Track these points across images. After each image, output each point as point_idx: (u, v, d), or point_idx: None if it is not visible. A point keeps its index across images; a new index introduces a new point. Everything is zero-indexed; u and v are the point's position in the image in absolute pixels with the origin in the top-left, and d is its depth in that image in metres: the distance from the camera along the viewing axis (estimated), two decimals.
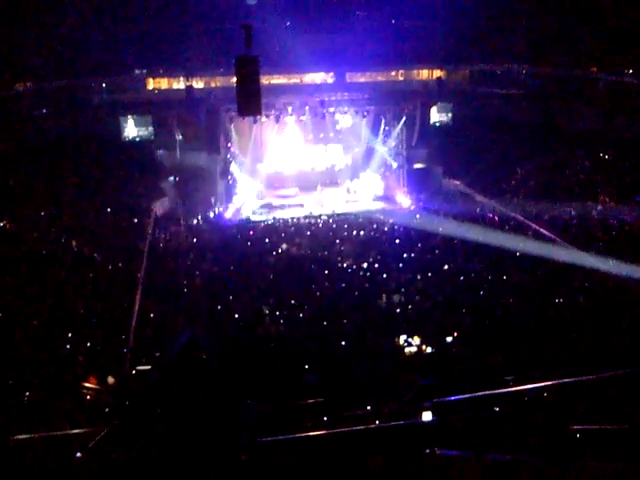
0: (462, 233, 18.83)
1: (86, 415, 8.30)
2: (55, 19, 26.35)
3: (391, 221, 22.46)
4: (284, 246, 19.14)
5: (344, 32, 30.46)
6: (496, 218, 21.89)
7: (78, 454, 5.74)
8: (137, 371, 10.12)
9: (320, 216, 24.45)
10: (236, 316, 13.38)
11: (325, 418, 7.04)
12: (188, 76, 30.16)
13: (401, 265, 16.80)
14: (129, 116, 28.21)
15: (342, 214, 24.91)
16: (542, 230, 19.75)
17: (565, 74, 30.26)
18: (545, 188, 24.25)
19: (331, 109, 27.45)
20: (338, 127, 28.88)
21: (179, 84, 31.11)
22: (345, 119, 28.58)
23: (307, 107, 27.22)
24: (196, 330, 12.10)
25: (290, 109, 26.92)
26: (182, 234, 21.11)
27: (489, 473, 4.17)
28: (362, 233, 20.81)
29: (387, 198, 28.00)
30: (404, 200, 26.97)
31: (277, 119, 27.01)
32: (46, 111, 26.92)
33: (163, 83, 31.59)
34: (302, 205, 26.61)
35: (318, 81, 31.97)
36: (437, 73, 32.85)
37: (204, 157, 27.07)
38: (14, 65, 24.95)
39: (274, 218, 24.51)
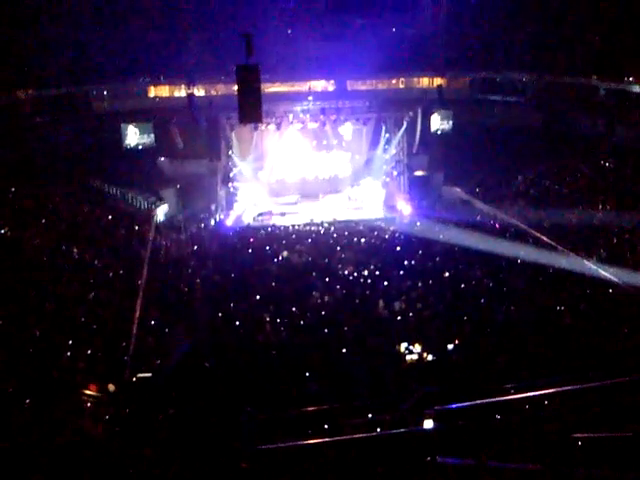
0: (463, 240, 18.83)
1: (86, 422, 8.29)
2: (57, 26, 26.46)
3: (392, 228, 22.47)
4: (285, 253, 19.13)
5: (345, 40, 30.57)
6: (497, 225, 21.91)
7: (79, 460, 5.73)
8: (138, 378, 10.11)
9: (321, 223, 24.47)
10: (237, 323, 13.36)
11: (326, 426, 7.02)
12: (189, 84, 30.29)
13: (402, 273, 16.80)
14: (130, 124, 28.30)
15: (343, 221, 24.94)
16: (543, 237, 19.74)
17: (565, 81, 30.34)
18: (546, 195, 24.27)
19: (332, 117, 27.57)
20: (339, 134, 28.94)
21: (180, 92, 31.22)
22: (346, 127, 28.66)
23: (308, 115, 27.33)
24: (197, 338, 12.12)
25: (291, 117, 27.03)
26: (183, 241, 21.13)
27: None
28: (363, 240, 20.81)
29: (388, 205, 28.01)
30: (405, 207, 26.97)
31: (278, 127, 27.13)
32: (47, 118, 26.99)
33: (164, 91, 31.68)
34: (303, 212, 26.64)
35: (319, 89, 32.07)
36: (438, 81, 32.93)
37: (205, 164, 27.16)
38: (16, 72, 25.03)
39: (274, 225, 24.52)
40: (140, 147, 28.52)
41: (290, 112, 27.09)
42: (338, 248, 19.68)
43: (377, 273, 16.86)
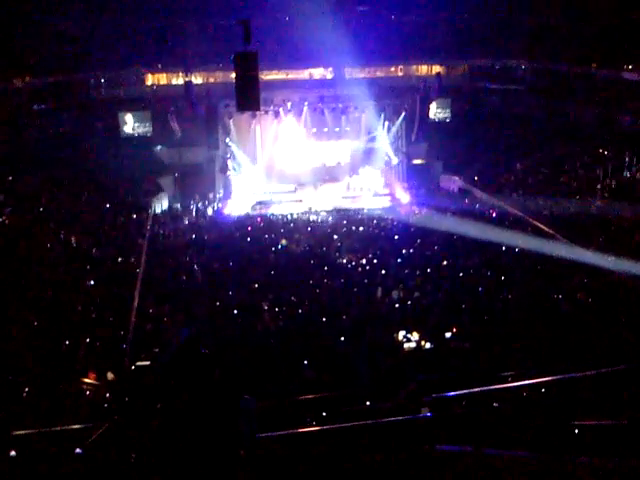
0: (461, 229, 18.82)
1: (85, 410, 8.31)
2: (53, 14, 26.25)
3: (390, 217, 22.44)
4: (283, 242, 19.11)
5: (343, 27, 30.33)
6: (495, 214, 21.89)
7: (77, 449, 5.75)
8: (136, 367, 10.13)
9: (319, 212, 24.42)
10: (235, 312, 13.38)
11: (324, 414, 7.04)
12: (187, 71, 30.07)
13: (400, 261, 16.80)
14: (128, 112, 28.15)
15: (341, 210, 24.91)
16: (541, 226, 19.74)
17: (564, 69, 30.22)
18: (544, 184, 24.24)
19: (330, 105, 27.46)
20: (338, 122, 28.82)
21: (178, 80, 31.02)
22: (344, 115, 28.53)
23: (306, 103, 27.22)
24: (195, 326, 12.13)
25: (289, 104, 26.91)
26: (181, 230, 21.10)
27: (488, 469, 4.17)
28: (361, 229, 20.79)
29: (386, 194, 27.97)
30: (403, 196, 26.95)
31: (276, 115, 27.02)
32: (44, 107, 26.84)
33: (162, 79, 31.50)
34: (301, 201, 26.59)
35: (317, 76, 31.90)
36: (436, 69, 32.77)
37: (203, 153, 27.05)
38: (12, 60, 24.85)
39: (273, 214, 24.48)
40: (138, 135, 28.41)
41: (288, 100, 26.97)
42: (336, 237, 19.67)
43: (375, 261, 16.87)
